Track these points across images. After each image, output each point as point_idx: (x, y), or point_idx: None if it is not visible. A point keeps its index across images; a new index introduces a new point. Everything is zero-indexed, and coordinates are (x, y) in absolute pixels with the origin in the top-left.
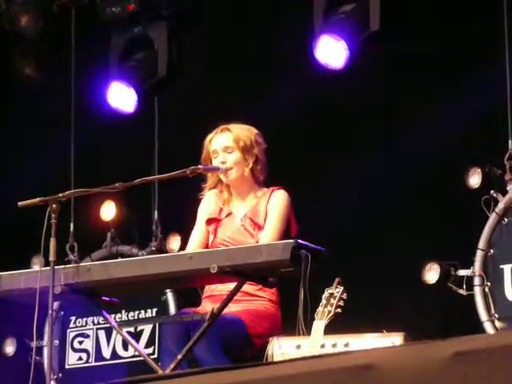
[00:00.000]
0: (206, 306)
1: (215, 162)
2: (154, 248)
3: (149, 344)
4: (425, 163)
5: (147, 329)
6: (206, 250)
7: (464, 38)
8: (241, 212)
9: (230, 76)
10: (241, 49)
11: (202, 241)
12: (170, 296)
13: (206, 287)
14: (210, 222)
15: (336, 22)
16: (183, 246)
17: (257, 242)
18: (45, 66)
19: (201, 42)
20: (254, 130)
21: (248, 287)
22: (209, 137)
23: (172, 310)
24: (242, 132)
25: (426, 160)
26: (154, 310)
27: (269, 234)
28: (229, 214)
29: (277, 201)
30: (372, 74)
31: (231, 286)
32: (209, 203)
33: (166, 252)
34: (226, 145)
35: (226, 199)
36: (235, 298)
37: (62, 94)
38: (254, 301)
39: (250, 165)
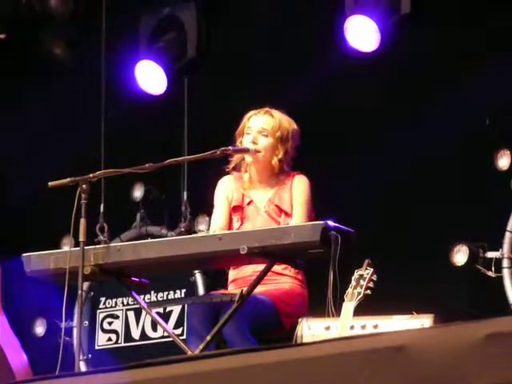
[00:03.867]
0: (233, 291)
1: (246, 139)
2: (183, 229)
3: (177, 325)
4: (454, 144)
5: (176, 310)
6: (236, 231)
7: (493, 19)
8: (263, 199)
9: (260, 58)
10: (270, 30)
11: (224, 224)
12: (198, 277)
13: (230, 273)
14: (235, 209)
15: (367, 4)
16: None
17: None
18: (74, 47)
19: (230, 22)
20: (295, 125)
21: (275, 267)
22: (250, 113)
23: (201, 291)
24: (283, 122)
25: (455, 141)
26: (183, 291)
27: (298, 223)
28: (250, 202)
29: (301, 187)
30: (400, 56)
31: (255, 268)
32: (227, 188)
33: (195, 233)
34: (264, 127)
35: (246, 185)
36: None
37: (92, 74)
38: (280, 280)
39: (280, 156)
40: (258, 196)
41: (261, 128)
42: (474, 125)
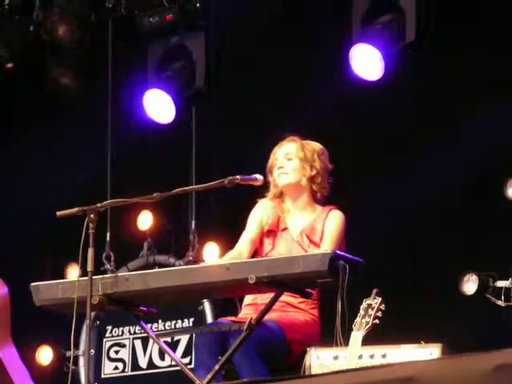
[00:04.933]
0: (247, 315)
1: (275, 170)
2: (191, 258)
3: (185, 354)
4: (463, 174)
5: (184, 339)
6: (244, 260)
7: (501, 49)
8: (297, 228)
9: (267, 87)
10: (277, 59)
11: (248, 248)
12: (206, 306)
13: (246, 296)
14: (268, 233)
15: (372, 33)
16: (221, 256)
17: None
18: (82, 76)
19: (237, 53)
20: (320, 147)
21: (291, 299)
22: (274, 149)
23: (209, 319)
24: (307, 145)
25: (463, 169)
26: (191, 319)
27: None
28: (284, 229)
29: (334, 221)
30: (409, 85)
31: (270, 296)
32: (263, 211)
33: (203, 262)
34: (287, 152)
35: (282, 211)
36: (277, 307)
37: (99, 103)
38: (295, 312)
39: (308, 174)
40: (293, 224)
41: (285, 154)
42: (482, 153)
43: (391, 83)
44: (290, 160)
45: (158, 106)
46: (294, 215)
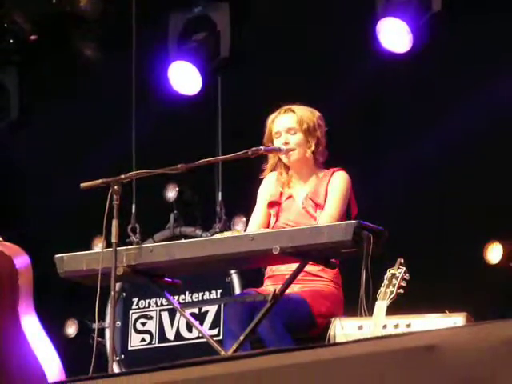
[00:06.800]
0: (268, 287)
1: (277, 143)
2: (218, 229)
3: (213, 325)
4: (486, 142)
5: (212, 310)
6: (269, 230)
7: None
8: (301, 194)
9: (294, 57)
10: (305, 30)
11: (262, 223)
12: (234, 277)
13: (268, 267)
14: (271, 205)
15: (398, 5)
16: None
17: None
18: (105, 48)
19: (264, 23)
20: (317, 113)
21: (310, 267)
22: (271, 117)
23: (237, 291)
24: (306, 114)
25: (487, 139)
26: (219, 291)
27: (328, 214)
28: (289, 197)
29: (337, 182)
30: (434, 54)
31: (293, 266)
32: (269, 186)
33: None
34: (290, 126)
35: (285, 181)
36: (298, 277)
37: (122, 75)
38: (316, 281)
39: (313, 147)
40: (297, 192)
41: (287, 128)
42: (507, 122)
43: (420, 53)
44: (294, 134)
45: (184, 77)
46: (298, 183)
